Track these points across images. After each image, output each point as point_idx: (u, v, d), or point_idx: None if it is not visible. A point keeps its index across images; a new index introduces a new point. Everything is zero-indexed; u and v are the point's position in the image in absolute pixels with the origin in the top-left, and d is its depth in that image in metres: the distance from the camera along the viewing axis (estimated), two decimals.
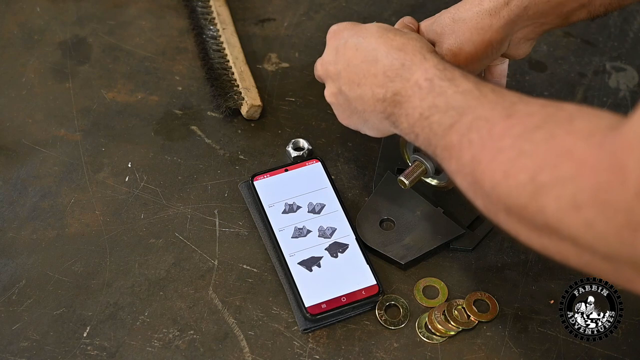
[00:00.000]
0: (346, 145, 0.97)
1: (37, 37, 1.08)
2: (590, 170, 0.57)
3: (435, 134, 0.71)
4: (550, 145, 0.60)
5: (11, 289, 0.86)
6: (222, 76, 1.01)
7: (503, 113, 0.66)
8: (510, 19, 0.82)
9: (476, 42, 0.83)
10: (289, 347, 0.82)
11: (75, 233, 0.90)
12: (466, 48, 0.83)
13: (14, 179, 0.94)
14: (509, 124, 0.64)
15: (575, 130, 0.60)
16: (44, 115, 1.00)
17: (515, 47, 0.86)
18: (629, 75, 1.05)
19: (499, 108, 0.67)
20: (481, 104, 0.69)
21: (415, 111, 0.73)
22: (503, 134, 0.64)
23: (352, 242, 0.87)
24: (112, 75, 1.04)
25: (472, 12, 0.83)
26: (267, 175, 0.92)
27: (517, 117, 0.65)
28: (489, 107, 0.68)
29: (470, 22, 0.83)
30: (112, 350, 0.82)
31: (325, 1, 1.12)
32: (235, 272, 0.87)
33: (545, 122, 0.62)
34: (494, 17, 0.82)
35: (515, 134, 0.63)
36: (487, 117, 0.67)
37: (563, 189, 0.58)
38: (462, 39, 0.83)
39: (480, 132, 0.66)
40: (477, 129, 0.67)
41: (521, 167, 0.61)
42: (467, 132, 0.67)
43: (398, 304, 0.84)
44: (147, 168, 0.95)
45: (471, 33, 0.83)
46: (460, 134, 0.68)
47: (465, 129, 0.68)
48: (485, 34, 0.82)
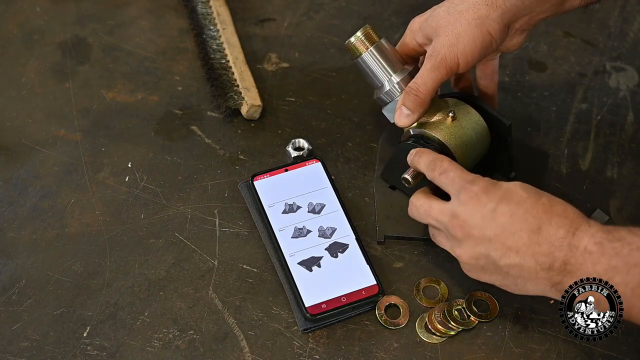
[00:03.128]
0: (346, 145, 0.97)
1: (37, 37, 1.08)
2: None
3: (624, 296, 0.71)
4: None
5: (11, 289, 0.86)
6: (222, 76, 1.01)
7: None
8: (507, 9, 0.82)
9: (474, 34, 0.82)
10: (289, 347, 0.82)
11: (75, 233, 0.90)
12: (464, 40, 0.82)
13: (14, 179, 0.94)
14: None
15: None
16: (44, 115, 1.00)
17: (509, 39, 0.85)
18: (629, 75, 1.05)
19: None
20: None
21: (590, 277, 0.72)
22: None
23: (352, 242, 0.87)
24: (112, 75, 1.04)
25: (468, 4, 0.82)
26: (267, 175, 0.92)
27: None
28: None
29: (467, 13, 0.82)
30: (112, 350, 0.82)
31: (325, 1, 1.12)
32: (235, 272, 0.87)
33: None
34: (491, 8, 0.82)
35: None
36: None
37: None
38: (460, 31, 0.82)
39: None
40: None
41: None
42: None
43: (398, 304, 0.84)
44: (147, 168, 0.95)
45: (469, 24, 0.82)
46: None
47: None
48: (482, 25, 0.82)
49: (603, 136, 0.98)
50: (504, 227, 0.75)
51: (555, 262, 0.73)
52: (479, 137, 0.87)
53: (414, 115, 0.85)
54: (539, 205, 0.75)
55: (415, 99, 0.84)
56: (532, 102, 1.02)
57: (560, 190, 0.93)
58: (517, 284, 0.76)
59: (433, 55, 0.83)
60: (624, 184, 0.94)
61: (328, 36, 1.08)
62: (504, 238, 0.75)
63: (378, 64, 0.87)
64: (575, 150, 0.97)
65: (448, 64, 0.83)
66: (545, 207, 0.75)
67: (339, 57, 1.06)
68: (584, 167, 0.96)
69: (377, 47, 0.87)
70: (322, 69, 1.05)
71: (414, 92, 0.84)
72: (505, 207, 0.75)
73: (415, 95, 0.84)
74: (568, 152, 0.97)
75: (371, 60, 0.87)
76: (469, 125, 0.87)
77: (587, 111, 1.01)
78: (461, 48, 0.82)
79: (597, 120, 1.00)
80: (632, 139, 0.98)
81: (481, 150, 0.89)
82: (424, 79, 0.84)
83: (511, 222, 0.75)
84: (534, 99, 1.02)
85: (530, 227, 0.74)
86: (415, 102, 0.84)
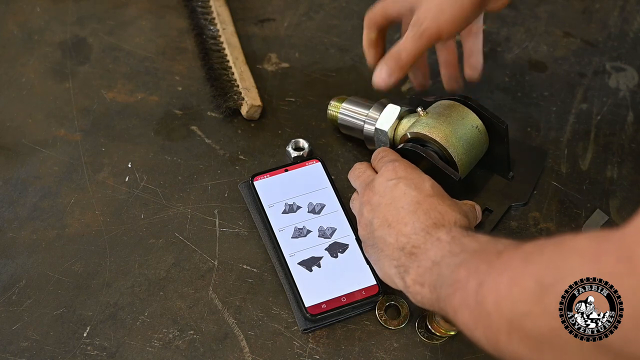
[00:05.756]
0: (346, 145, 0.97)
1: (37, 37, 1.08)
2: (595, 261, 0.58)
3: (442, 275, 0.71)
4: (557, 250, 0.61)
5: (11, 289, 0.86)
6: (222, 76, 1.01)
7: (514, 245, 0.67)
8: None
9: (459, 1, 0.81)
10: (289, 347, 0.82)
11: (75, 233, 0.90)
12: (447, 10, 0.81)
13: (14, 179, 0.94)
14: (520, 250, 0.65)
15: (579, 246, 0.61)
16: (44, 115, 1.00)
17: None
18: (629, 75, 1.05)
19: (512, 244, 0.68)
20: (495, 245, 0.70)
21: (428, 261, 0.74)
22: (511, 256, 0.65)
23: (352, 242, 0.87)
24: (112, 75, 1.04)
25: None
26: (267, 176, 0.92)
27: (529, 245, 0.65)
28: (502, 245, 0.69)
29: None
30: (112, 350, 0.82)
31: (325, 1, 1.12)
32: (235, 272, 0.87)
33: (555, 244, 0.62)
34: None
35: (524, 253, 0.64)
36: (500, 250, 0.67)
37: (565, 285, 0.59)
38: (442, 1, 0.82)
39: (489, 261, 0.67)
40: (488, 260, 0.67)
41: (527, 274, 0.62)
42: (477, 264, 0.68)
43: (398, 304, 0.84)
44: (147, 168, 0.95)
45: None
46: (468, 268, 0.68)
47: (474, 264, 0.68)
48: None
49: (603, 136, 0.98)
50: (392, 200, 0.79)
51: (408, 245, 0.76)
52: (477, 138, 0.88)
53: (392, 77, 0.86)
54: (430, 198, 0.78)
55: (397, 61, 0.85)
56: (532, 102, 1.02)
57: (560, 190, 0.93)
58: (380, 261, 0.79)
59: (416, 25, 0.83)
60: (624, 184, 0.94)
61: (328, 36, 1.09)
62: (387, 210, 0.79)
63: (354, 112, 0.95)
64: (575, 150, 0.97)
65: (432, 34, 0.83)
66: (434, 202, 0.78)
67: (339, 57, 1.06)
68: (584, 167, 0.96)
69: (348, 102, 0.95)
70: (322, 69, 1.05)
71: (395, 56, 0.85)
72: (405, 186, 0.79)
73: (397, 58, 0.85)
74: (568, 152, 0.97)
75: (348, 113, 0.95)
76: (467, 127, 0.87)
77: (587, 111, 1.01)
78: (447, 17, 0.82)
79: (597, 120, 1.00)
80: (632, 139, 0.98)
81: (479, 152, 0.89)
82: (406, 45, 0.84)
83: (400, 199, 0.78)
84: (534, 99, 1.02)
85: (410, 209, 0.77)
86: (396, 65, 0.85)
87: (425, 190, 0.79)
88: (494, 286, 0.64)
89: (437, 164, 0.84)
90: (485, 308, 0.65)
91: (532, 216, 0.91)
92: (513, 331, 0.63)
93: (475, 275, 0.67)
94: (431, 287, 0.73)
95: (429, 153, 0.85)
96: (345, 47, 1.07)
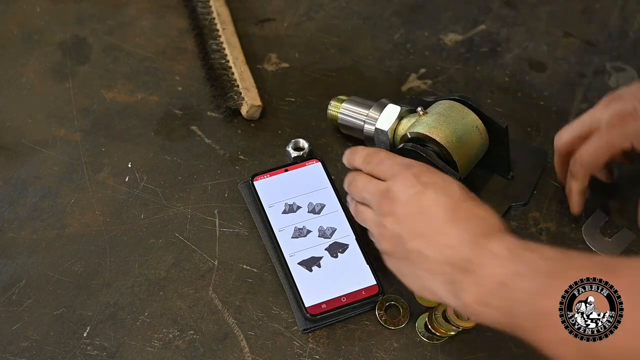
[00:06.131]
0: (346, 145, 0.97)
1: (37, 37, 1.08)
2: None
3: (518, 302, 0.67)
4: None
5: (11, 289, 0.86)
6: (222, 76, 1.01)
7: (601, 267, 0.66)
8: None
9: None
10: (289, 347, 0.82)
11: (75, 233, 0.90)
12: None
13: (14, 179, 0.94)
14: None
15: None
16: (44, 115, 1.00)
17: None
18: (629, 75, 1.04)
19: (593, 265, 0.66)
20: (570, 261, 0.67)
21: (490, 281, 0.69)
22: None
23: (352, 242, 0.87)
24: (112, 75, 1.04)
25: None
26: (267, 176, 0.92)
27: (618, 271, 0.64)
28: (584, 261, 0.67)
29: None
30: (112, 350, 0.82)
31: (325, 1, 1.12)
32: (235, 272, 0.87)
33: None
34: None
35: None
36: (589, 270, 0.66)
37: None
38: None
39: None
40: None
41: None
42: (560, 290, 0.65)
43: (398, 304, 0.84)
44: (147, 168, 0.95)
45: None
46: (555, 297, 0.66)
47: (558, 291, 0.66)
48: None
49: None
50: (422, 210, 0.74)
51: (459, 258, 0.71)
52: (477, 138, 0.88)
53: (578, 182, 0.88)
54: (464, 204, 0.74)
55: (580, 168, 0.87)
56: (532, 102, 1.02)
57: (561, 190, 0.93)
58: (417, 275, 0.75)
59: None
60: (624, 184, 0.94)
61: (328, 36, 1.08)
62: (418, 221, 0.74)
63: (355, 112, 0.95)
64: None
65: None
66: (470, 207, 0.74)
67: (339, 57, 1.06)
68: None
69: (348, 102, 0.96)
70: (322, 69, 1.05)
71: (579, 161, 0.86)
72: (432, 193, 0.75)
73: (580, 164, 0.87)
74: None
75: (348, 113, 0.95)
76: (467, 127, 0.87)
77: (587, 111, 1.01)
78: None
79: None
80: None
81: (479, 152, 0.89)
82: None
83: (431, 208, 0.74)
84: (534, 99, 1.02)
85: (446, 217, 0.73)
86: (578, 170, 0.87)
87: (456, 195, 0.75)
88: (631, 327, 0.62)
89: (437, 164, 0.84)
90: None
91: (532, 216, 0.91)
92: None
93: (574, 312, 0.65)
94: (502, 312, 0.69)
95: (428, 153, 0.85)
96: (345, 47, 1.07)
